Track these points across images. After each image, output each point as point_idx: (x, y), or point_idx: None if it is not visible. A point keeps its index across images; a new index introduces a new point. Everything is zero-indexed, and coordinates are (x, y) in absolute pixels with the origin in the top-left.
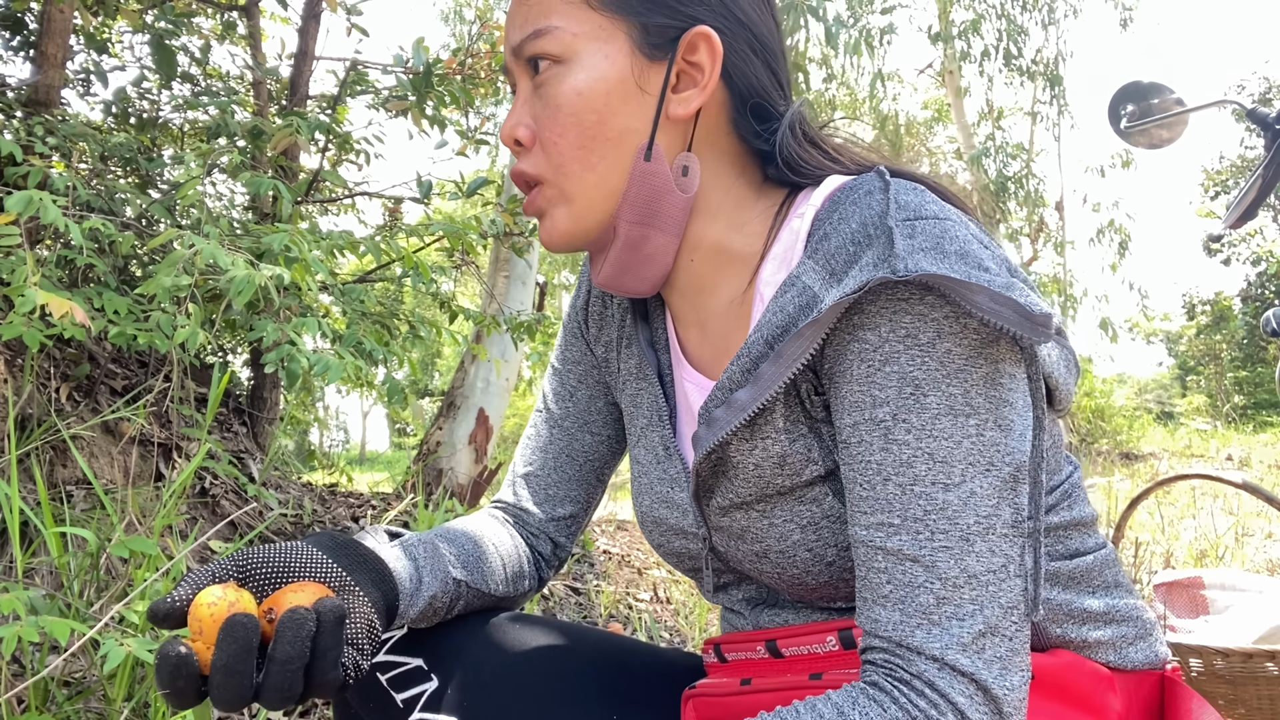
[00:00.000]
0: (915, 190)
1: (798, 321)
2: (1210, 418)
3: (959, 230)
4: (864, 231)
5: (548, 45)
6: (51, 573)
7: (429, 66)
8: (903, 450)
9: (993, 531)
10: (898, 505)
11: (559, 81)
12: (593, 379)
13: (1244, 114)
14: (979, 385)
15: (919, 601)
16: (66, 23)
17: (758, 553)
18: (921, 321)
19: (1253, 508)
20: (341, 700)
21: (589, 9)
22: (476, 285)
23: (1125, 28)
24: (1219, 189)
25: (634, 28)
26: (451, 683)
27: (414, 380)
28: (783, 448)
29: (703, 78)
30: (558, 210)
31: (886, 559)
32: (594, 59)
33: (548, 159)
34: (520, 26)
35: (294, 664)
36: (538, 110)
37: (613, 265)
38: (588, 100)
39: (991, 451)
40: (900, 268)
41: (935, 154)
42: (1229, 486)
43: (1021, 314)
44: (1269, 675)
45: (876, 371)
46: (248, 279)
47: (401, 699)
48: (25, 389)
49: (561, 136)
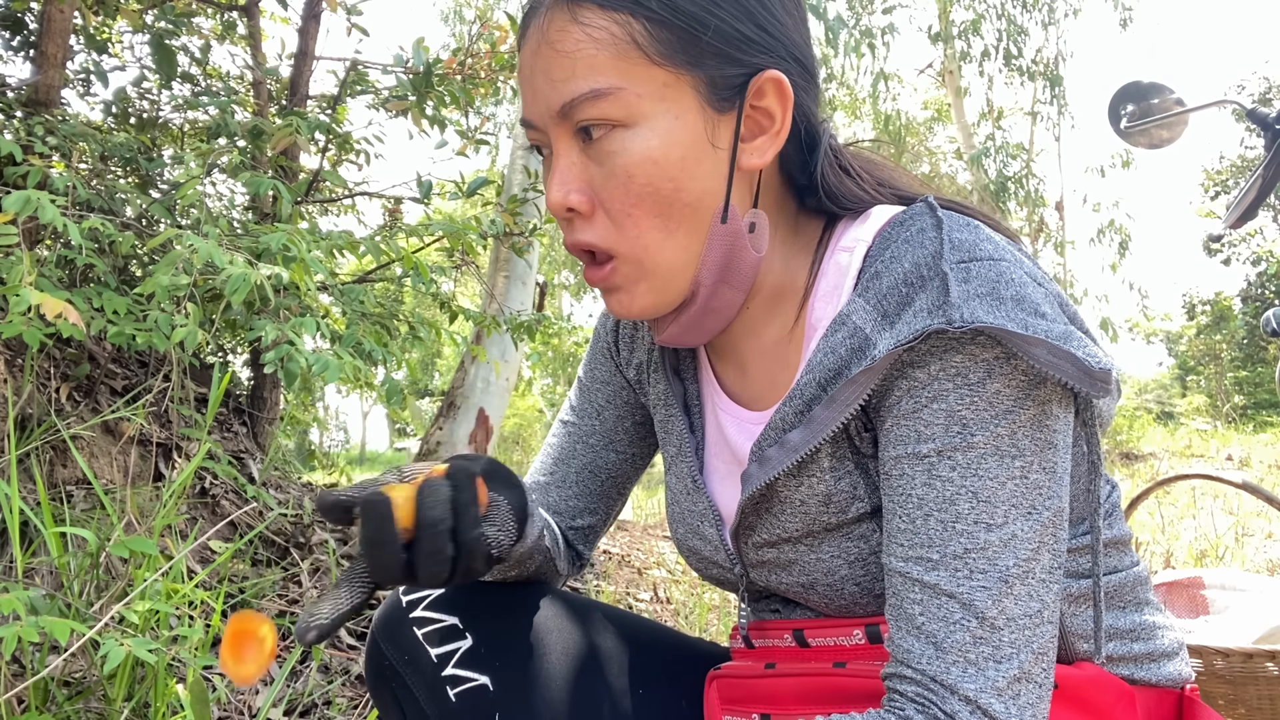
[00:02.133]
0: (969, 227)
1: (850, 364)
2: (1210, 418)
3: (1014, 272)
4: (917, 273)
5: (609, 109)
6: (51, 573)
7: (429, 66)
8: (946, 487)
9: (1032, 576)
10: (938, 541)
11: (626, 147)
12: (621, 400)
13: (1244, 114)
14: (1026, 427)
15: (955, 639)
16: (66, 23)
17: (804, 584)
18: (972, 361)
19: (1253, 508)
20: (376, 652)
21: (650, 64)
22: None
23: (1125, 28)
24: (1219, 189)
25: (700, 81)
26: (485, 643)
27: (413, 381)
28: (828, 486)
29: (773, 124)
30: (638, 286)
31: (923, 591)
32: (663, 121)
33: (619, 232)
34: (564, 83)
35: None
36: (594, 176)
37: (681, 326)
38: (663, 168)
39: (1034, 495)
40: (956, 318)
41: (935, 154)
42: (1229, 486)
43: (1081, 369)
44: (1269, 675)
45: (924, 408)
46: (244, 277)
47: (436, 654)
48: (25, 389)
49: (636, 207)
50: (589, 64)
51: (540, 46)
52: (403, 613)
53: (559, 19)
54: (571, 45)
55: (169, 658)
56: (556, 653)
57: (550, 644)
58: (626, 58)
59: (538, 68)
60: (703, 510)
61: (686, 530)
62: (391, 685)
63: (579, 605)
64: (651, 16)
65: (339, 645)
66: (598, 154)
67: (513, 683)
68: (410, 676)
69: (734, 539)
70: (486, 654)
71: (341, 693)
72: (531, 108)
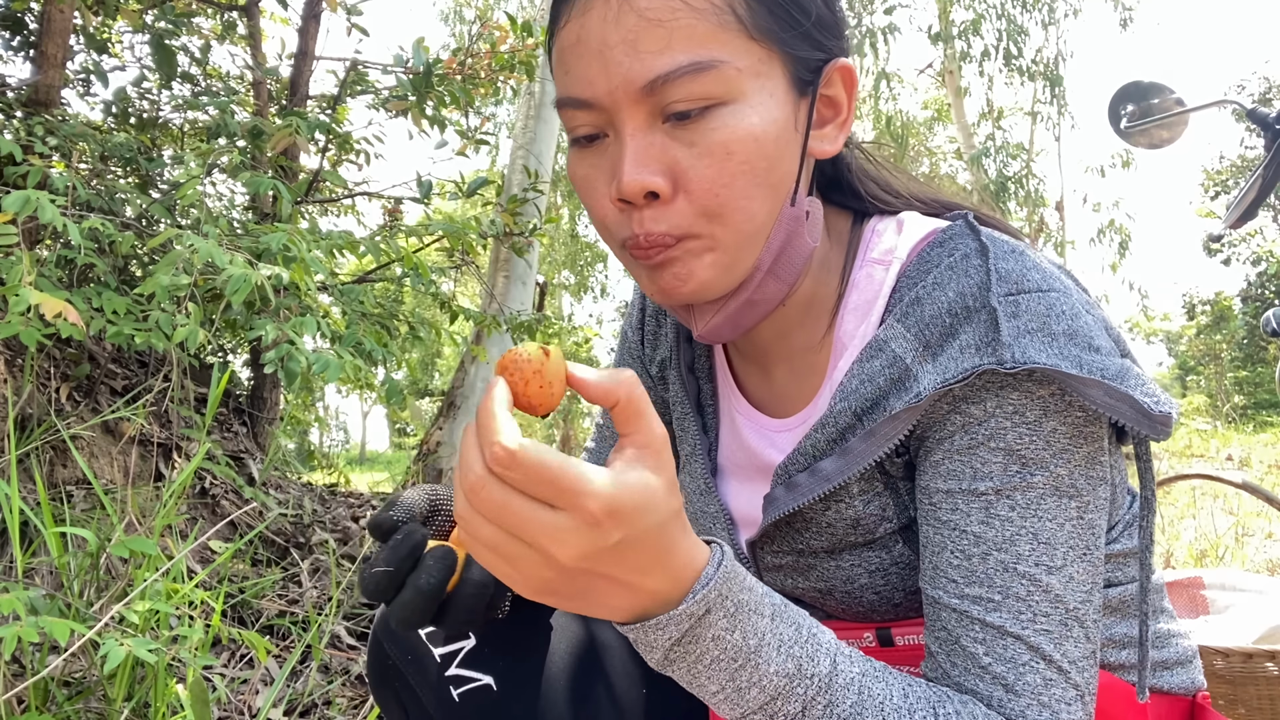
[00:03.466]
0: (1014, 254)
1: (889, 395)
2: (1210, 418)
3: (1064, 303)
4: (962, 303)
5: (710, 86)
6: (51, 573)
7: (429, 66)
8: (1005, 527)
9: (1088, 618)
10: (999, 581)
11: (727, 124)
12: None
13: (1244, 114)
14: (1082, 465)
15: (1028, 680)
16: (66, 23)
17: (821, 590)
18: (1029, 399)
19: (1253, 508)
20: (379, 651)
21: (749, 39)
22: (476, 285)
23: (1125, 28)
24: (1219, 189)
25: (789, 60)
26: (488, 642)
27: (413, 381)
28: (856, 511)
29: (839, 113)
30: (702, 259)
31: (985, 631)
32: (760, 98)
33: (703, 210)
34: (656, 55)
35: (487, 590)
36: (680, 157)
37: (726, 316)
38: (762, 145)
39: (1089, 535)
40: (1008, 358)
41: (935, 154)
42: (1229, 486)
43: (1139, 411)
44: (1269, 675)
45: (980, 445)
46: (244, 277)
47: (439, 654)
48: (25, 389)
49: (728, 186)
50: (688, 34)
51: (621, 12)
52: None
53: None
54: (666, 12)
55: (169, 658)
56: (560, 652)
57: (553, 643)
58: (727, 28)
59: (615, 38)
60: (714, 513)
61: (698, 531)
62: (394, 685)
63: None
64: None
65: (339, 645)
66: (687, 134)
67: (516, 682)
68: (413, 676)
69: (750, 546)
70: (490, 654)
71: (342, 693)
72: (598, 82)
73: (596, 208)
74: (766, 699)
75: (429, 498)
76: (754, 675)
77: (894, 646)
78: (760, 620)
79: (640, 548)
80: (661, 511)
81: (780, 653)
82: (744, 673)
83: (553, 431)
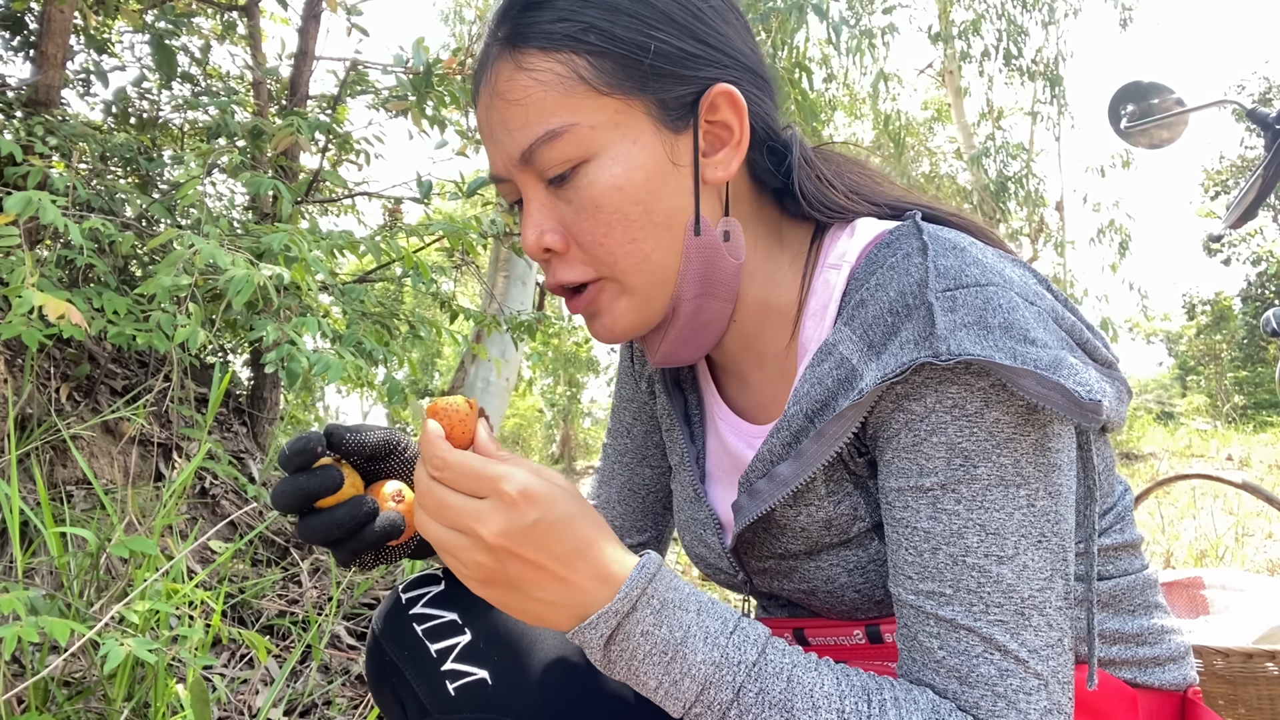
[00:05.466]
0: (954, 251)
1: (837, 396)
2: (1210, 418)
3: (1001, 297)
4: (902, 301)
5: (568, 148)
6: (51, 573)
7: (429, 66)
8: (953, 520)
9: (1049, 605)
10: (949, 575)
11: (590, 180)
12: (646, 415)
13: (1244, 114)
14: (1029, 453)
15: (981, 672)
16: (66, 23)
17: (805, 591)
18: (968, 391)
19: (1253, 508)
20: (377, 648)
21: (599, 95)
22: (476, 285)
23: (1125, 28)
24: (1219, 189)
25: (651, 104)
26: (484, 637)
27: (414, 380)
28: (827, 512)
29: (732, 136)
30: (618, 304)
31: (939, 625)
32: (621, 147)
33: (595, 260)
34: (520, 130)
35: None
36: (565, 214)
37: (672, 343)
38: (628, 193)
39: (1043, 522)
40: (943, 349)
41: (935, 154)
42: (1229, 486)
43: (1070, 399)
44: (1269, 675)
45: (924, 441)
46: (247, 278)
47: (435, 649)
48: (25, 389)
49: (608, 236)
50: (539, 107)
51: (493, 100)
52: (402, 609)
53: (505, 70)
54: (520, 93)
55: (169, 658)
56: (555, 646)
57: (548, 637)
58: (575, 94)
59: (494, 121)
60: (704, 519)
61: (692, 538)
62: (392, 681)
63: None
64: (592, 49)
65: (339, 645)
66: (565, 193)
67: (512, 677)
68: (410, 672)
69: (734, 553)
70: (485, 648)
71: (341, 693)
72: (495, 161)
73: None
74: (699, 689)
75: (385, 439)
76: (684, 666)
77: (883, 643)
78: (685, 615)
79: (557, 535)
80: (573, 505)
81: (706, 643)
82: (675, 665)
83: (553, 431)
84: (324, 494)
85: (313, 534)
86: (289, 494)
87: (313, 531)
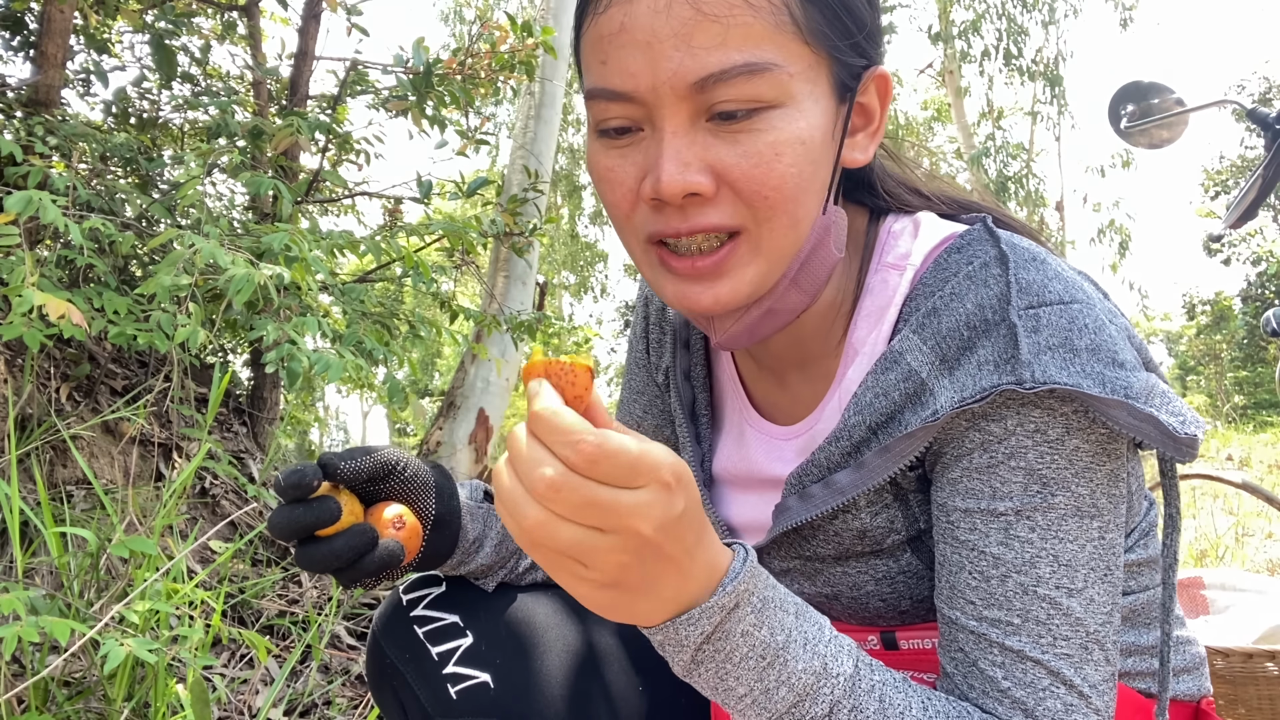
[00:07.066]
0: (1036, 264)
1: (904, 410)
2: (1210, 418)
3: (1087, 316)
4: (980, 316)
5: (761, 87)
6: (51, 573)
7: (429, 66)
8: (1025, 548)
9: (1108, 640)
10: (1018, 604)
11: (774, 125)
12: (657, 408)
13: (1244, 114)
14: (1104, 484)
15: (1048, 706)
16: (66, 23)
17: (827, 595)
18: (1051, 416)
19: (1253, 508)
20: (378, 650)
21: (802, 43)
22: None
23: (1125, 28)
24: (1219, 189)
25: (835, 66)
26: (485, 640)
27: (414, 380)
28: (863, 523)
29: (871, 122)
30: (749, 268)
31: (1004, 655)
32: (809, 102)
33: (751, 210)
34: (708, 51)
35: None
36: (723, 155)
37: (745, 325)
38: (809, 149)
39: (1109, 556)
40: (1026, 376)
41: (935, 154)
42: (1229, 486)
43: (1163, 432)
44: (1269, 675)
45: (1000, 464)
46: (247, 278)
47: (437, 652)
48: (25, 389)
49: (777, 190)
50: (744, 33)
51: (674, 3)
52: (403, 611)
53: None
54: (724, 8)
55: (169, 658)
56: (557, 649)
57: (550, 641)
58: (783, 31)
59: (666, 30)
60: (710, 522)
61: None
62: (393, 683)
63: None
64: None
65: (339, 645)
66: (732, 132)
67: (513, 680)
68: (411, 674)
69: (758, 551)
70: (487, 651)
71: (341, 693)
72: (642, 76)
73: (620, 202)
74: (795, 699)
75: (382, 461)
76: (782, 673)
77: (898, 650)
78: (786, 617)
79: (691, 519)
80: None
81: (807, 650)
82: (772, 671)
83: None
84: (321, 526)
85: (311, 564)
86: (285, 526)
87: (311, 561)
